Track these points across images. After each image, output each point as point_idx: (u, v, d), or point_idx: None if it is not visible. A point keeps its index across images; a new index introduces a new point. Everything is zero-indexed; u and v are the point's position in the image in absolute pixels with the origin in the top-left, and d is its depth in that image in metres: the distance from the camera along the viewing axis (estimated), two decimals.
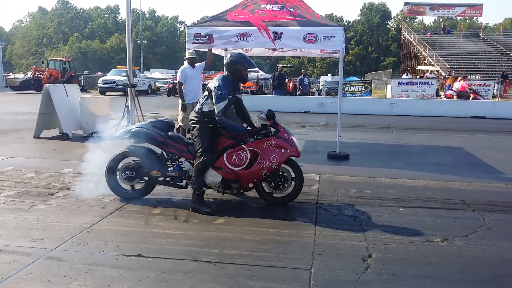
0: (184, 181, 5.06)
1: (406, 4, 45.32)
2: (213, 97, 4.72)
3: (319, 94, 25.00)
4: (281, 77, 19.34)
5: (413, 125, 13.92)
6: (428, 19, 57.71)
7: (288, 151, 4.83)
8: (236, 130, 4.84)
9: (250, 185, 4.90)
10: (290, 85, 23.45)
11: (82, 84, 31.85)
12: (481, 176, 6.85)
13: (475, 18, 51.95)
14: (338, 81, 10.86)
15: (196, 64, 8.43)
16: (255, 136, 4.87)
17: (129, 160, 5.10)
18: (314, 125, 13.22)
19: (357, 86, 24.47)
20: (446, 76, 23.83)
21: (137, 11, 55.02)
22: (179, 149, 4.97)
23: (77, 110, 10.03)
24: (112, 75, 28.93)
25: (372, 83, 28.70)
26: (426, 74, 26.40)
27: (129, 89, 9.92)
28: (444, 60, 33.35)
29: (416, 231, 4.34)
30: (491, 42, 40.02)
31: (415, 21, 65.17)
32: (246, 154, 4.79)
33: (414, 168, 7.32)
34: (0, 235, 4.01)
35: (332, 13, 78.89)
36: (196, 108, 4.97)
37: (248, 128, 5.05)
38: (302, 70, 23.42)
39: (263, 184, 5.02)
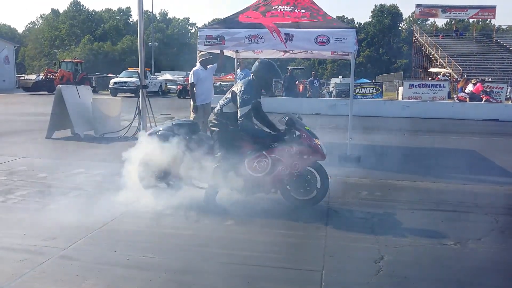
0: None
1: (418, 6, 44.99)
2: (238, 101, 4.72)
3: (330, 96, 24.91)
4: (292, 79, 19.33)
5: (425, 127, 13.81)
6: (440, 21, 57.18)
7: (310, 156, 4.81)
8: (259, 136, 4.86)
9: (273, 190, 4.93)
10: (301, 87, 23.41)
11: (94, 85, 32.11)
12: (494, 179, 6.78)
13: (488, 20, 51.36)
14: (348, 83, 10.83)
15: (209, 66, 8.45)
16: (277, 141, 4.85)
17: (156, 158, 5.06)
18: (325, 127, 13.17)
19: (368, 88, 24.34)
20: (458, 79, 23.57)
21: (149, 13, 55.38)
22: (203, 152, 4.92)
23: (89, 111, 10.12)
24: (123, 77, 29.15)
25: (383, 85, 28.54)
26: (439, 77, 26.18)
27: (140, 90, 9.98)
28: (456, 62, 33.04)
29: (428, 234, 4.30)
30: (504, 44, 39.55)
31: (427, 23, 64.61)
32: (267, 161, 4.78)
33: (426, 170, 7.26)
34: (13, 234, 4.05)
35: (343, 15, 78.86)
36: (216, 110, 4.95)
37: (271, 133, 5.03)
38: (313, 72, 23.40)
39: (288, 187, 4.98)
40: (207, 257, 3.66)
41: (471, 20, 56.75)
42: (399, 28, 77.90)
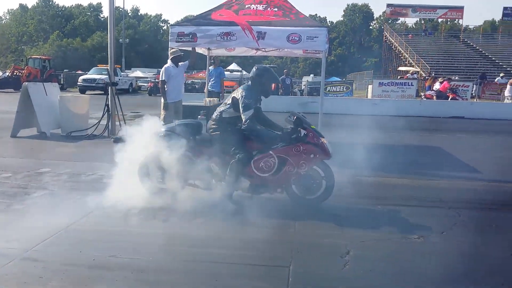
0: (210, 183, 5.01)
1: (389, 5, 45.81)
2: (240, 106, 4.74)
3: (301, 94, 25.08)
4: None
5: (393, 125, 14.07)
6: (411, 21, 58.37)
7: (317, 156, 4.84)
8: (266, 136, 4.89)
9: (279, 190, 4.95)
10: (273, 85, 23.46)
11: (62, 82, 31.38)
12: (458, 175, 6.98)
13: (456, 20, 52.66)
14: (320, 81, 10.91)
15: (180, 63, 8.38)
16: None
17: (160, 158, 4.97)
18: None
19: (339, 87, 24.62)
20: (426, 77, 24.13)
21: (120, 9, 54.46)
22: (208, 153, 4.91)
23: (56, 109, 9.89)
24: (92, 74, 28.56)
25: (354, 84, 28.95)
26: (408, 75, 26.75)
27: (109, 88, 9.83)
28: (424, 61, 33.79)
29: (393, 228, 4.40)
30: (471, 44, 40.68)
31: (397, 22, 65.86)
32: (274, 161, 4.80)
33: (393, 166, 7.40)
34: None
35: (316, 14, 79.36)
36: (215, 116, 4.97)
37: (277, 133, 5.02)
38: (285, 70, 23.49)
39: (294, 186, 4.98)
40: (175, 256, 3.65)
41: (440, 20, 58.20)
42: (370, 27, 79.08)
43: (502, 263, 3.75)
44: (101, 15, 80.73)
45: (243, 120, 4.73)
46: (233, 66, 39.48)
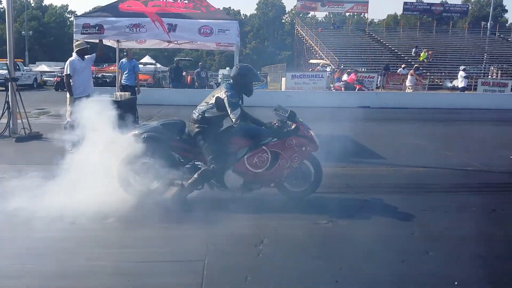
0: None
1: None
2: (227, 105, 4.70)
3: (217, 87, 25.09)
4: (178, 70, 19.11)
5: (305, 115, 14.58)
6: (320, 15, 60.69)
7: (308, 148, 4.91)
8: (259, 133, 4.93)
9: (272, 184, 4.97)
10: (188, 78, 23.24)
11: None
12: (364, 162, 7.44)
13: (362, 14, 55.56)
14: None
15: (86, 56, 7.99)
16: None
17: (142, 161, 4.86)
18: None
19: None
20: (335, 70, 25.26)
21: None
22: (195, 153, 4.89)
23: None
24: None
25: (269, 76, 29.52)
26: (318, 67, 27.80)
27: (9, 83, 9.14)
28: (333, 54, 35.33)
29: (305, 215, 4.59)
30: (376, 37, 43.19)
31: (308, 16, 68.07)
32: (267, 156, 4.83)
33: None
34: None
35: (230, 7, 79.47)
36: (196, 116, 4.86)
37: (266, 129, 5.03)
38: (200, 63, 23.36)
39: (283, 179, 5.00)
40: (85, 259, 3.50)
41: (347, 14, 61.11)
42: (283, 21, 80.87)
43: (405, 242, 4.07)
44: (0, 6, 74.25)
45: (233, 119, 4.70)
46: (147, 58, 38.36)
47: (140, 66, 15.06)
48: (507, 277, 3.43)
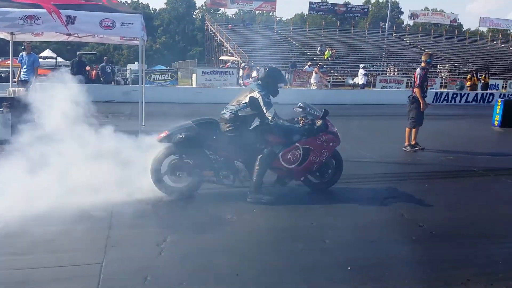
0: (231, 179, 5.13)
1: None
2: (262, 105, 4.95)
3: (125, 83, 24.25)
4: (81, 64, 18.20)
5: (213, 112, 14.64)
6: (231, 12, 61.08)
7: (335, 143, 5.29)
8: (293, 131, 5.18)
9: (302, 178, 5.30)
10: (93, 73, 22.17)
11: None
12: None
13: (271, 12, 56.76)
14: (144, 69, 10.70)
15: None
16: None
17: (173, 158, 5.02)
18: (118, 114, 12.81)
19: (164, 75, 24.47)
20: (245, 66, 25.59)
21: None
22: (229, 150, 5.04)
23: None
24: None
25: (179, 72, 29.16)
26: (228, 64, 28.01)
27: None
28: (243, 51, 35.79)
29: (208, 211, 4.63)
30: (284, 35, 44.50)
31: (218, 12, 68.16)
32: (299, 152, 5.09)
33: None
34: None
35: (138, 0, 76.88)
36: (228, 116, 5.04)
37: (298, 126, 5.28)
38: (105, 58, 22.40)
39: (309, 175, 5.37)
40: None
41: (256, 12, 62.10)
42: (194, 17, 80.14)
43: (306, 231, 4.25)
44: None
45: (270, 117, 4.96)
46: (47, 52, 35.95)
47: (40, 60, 14.09)
48: (396, 258, 3.73)
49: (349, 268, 3.47)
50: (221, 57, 35.77)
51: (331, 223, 4.53)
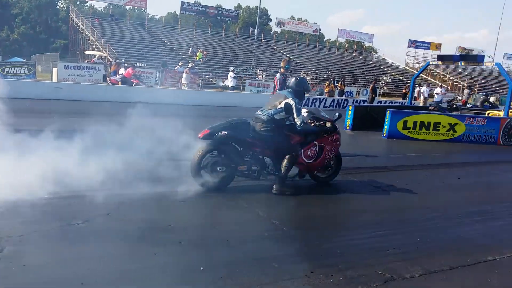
0: (257, 173, 5.87)
1: None
2: (294, 111, 5.79)
3: None
4: None
5: (77, 110, 13.77)
6: (100, 5, 57.86)
7: (339, 142, 6.39)
8: (314, 132, 6.19)
9: (315, 172, 6.37)
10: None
11: None
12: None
13: (143, 9, 55.01)
14: None
15: None
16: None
17: (213, 154, 5.60)
18: None
19: (20, 68, 22.21)
20: (112, 62, 24.46)
21: None
22: (262, 148, 5.76)
23: None
24: None
25: (39, 66, 26.76)
26: (94, 59, 26.49)
27: None
28: (111, 46, 34.15)
29: (57, 217, 4.33)
30: (155, 33, 43.47)
31: (86, 5, 64.04)
32: (316, 149, 6.09)
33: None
34: None
35: None
36: (264, 117, 5.86)
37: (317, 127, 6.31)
38: None
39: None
40: None
41: (127, 7, 59.70)
42: (58, 7, 74.13)
43: (162, 233, 4.22)
44: None
45: (298, 123, 5.81)
46: None
47: None
48: (247, 255, 3.89)
49: (201, 268, 3.53)
50: (87, 52, 33.69)
51: (185, 224, 4.57)
